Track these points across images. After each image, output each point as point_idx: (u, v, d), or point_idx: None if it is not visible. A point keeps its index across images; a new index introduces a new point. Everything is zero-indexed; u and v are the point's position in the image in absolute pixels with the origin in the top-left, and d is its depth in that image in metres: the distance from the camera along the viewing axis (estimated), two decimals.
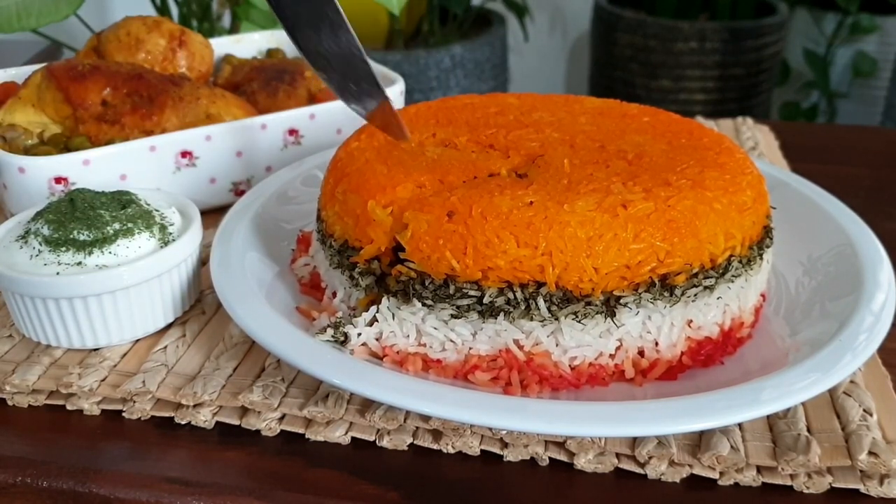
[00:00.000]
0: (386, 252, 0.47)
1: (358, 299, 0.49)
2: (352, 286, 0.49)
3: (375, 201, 0.47)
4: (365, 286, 0.48)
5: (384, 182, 0.48)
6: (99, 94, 0.66)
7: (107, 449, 0.45)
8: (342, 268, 0.50)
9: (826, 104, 2.20)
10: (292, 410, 0.45)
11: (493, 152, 0.52)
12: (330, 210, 0.51)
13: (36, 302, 0.48)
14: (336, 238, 0.50)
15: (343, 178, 0.51)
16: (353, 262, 0.48)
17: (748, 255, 0.48)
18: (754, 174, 0.51)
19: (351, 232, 0.49)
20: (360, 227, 0.48)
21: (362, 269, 0.48)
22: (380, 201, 0.47)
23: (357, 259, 0.48)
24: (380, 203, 0.47)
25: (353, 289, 0.49)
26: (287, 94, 0.74)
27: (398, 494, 0.41)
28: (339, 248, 0.50)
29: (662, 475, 0.42)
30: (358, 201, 0.48)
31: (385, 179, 0.49)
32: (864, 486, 0.41)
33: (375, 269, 0.48)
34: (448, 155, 0.52)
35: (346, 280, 0.49)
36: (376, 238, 0.47)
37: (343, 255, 0.50)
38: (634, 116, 0.58)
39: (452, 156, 0.51)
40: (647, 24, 1.99)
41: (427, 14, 2.04)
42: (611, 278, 0.43)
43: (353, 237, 0.49)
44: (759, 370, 0.45)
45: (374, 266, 0.48)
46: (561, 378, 0.45)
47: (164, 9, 1.15)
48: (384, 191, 0.48)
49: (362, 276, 0.48)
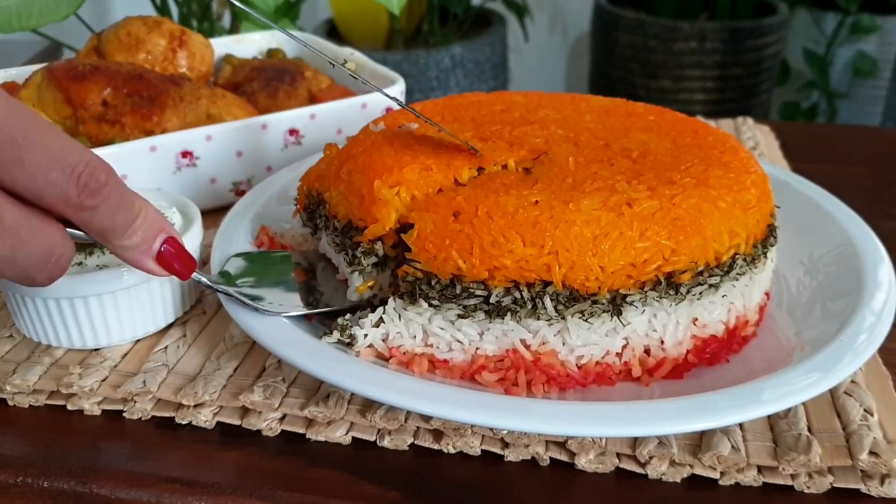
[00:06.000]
0: (390, 234, 0.47)
1: (356, 286, 0.49)
2: (353, 268, 0.49)
3: (382, 181, 0.47)
4: (367, 266, 0.48)
5: (391, 163, 0.48)
6: (99, 94, 0.66)
7: (107, 449, 0.45)
8: (344, 249, 0.50)
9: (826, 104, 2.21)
10: (293, 410, 0.45)
11: (500, 143, 0.52)
12: (334, 191, 0.51)
13: (36, 302, 0.48)
14: (340, 218, 0.50)
15: (349, 159, 0.51)
16: (356, 242, 0.48)
17: (753, 254, 0.48)
18: (758, 173, 0.51)
19: (356, 211, 0.49)
20: (365, 207, 0.48)
21: (365, 249, 0.48)
22: (386, 181, 0.47)
23: (361, 238, 0.48)
24: (386, 183, 0.47)
25: (353, 272, 0.49)
26: (287, 94, 0.74)
27: (399, 494, 0.41)
28: (343, 229, 0.50)
29: (663, 475, 0.42)
30: (364, 181, 0.48)
31: (392, 161, 0.48)
32: (865, 485, 0.41)
33: (378, 250, 0.48)
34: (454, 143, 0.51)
35: (347, 261, 0.49)
36: (381, 217, 0.47)
37: (346, 235, 0.49)
38: (640, 115, 0.58)
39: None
40: (647, 24, 1.99)
41: (427, 14, 2.04)
42: (617, 277, 0.43)
43: (358, 216, 0.48)
44: (764, 368, 0.45)
45: (377, 247, 0.48)
46: (568, 377, 0.45)
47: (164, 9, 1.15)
48: (391, 171, 0.48)
49: (365, 256, 0.48)
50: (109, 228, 0.39)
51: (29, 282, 0.38)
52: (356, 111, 0.70)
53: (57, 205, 0.36)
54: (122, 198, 0.38)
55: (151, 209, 0.41)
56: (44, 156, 0.35)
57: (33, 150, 0.34)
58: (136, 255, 0.41)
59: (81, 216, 0.37)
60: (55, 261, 0.37)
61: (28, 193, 0.35)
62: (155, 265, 0.42)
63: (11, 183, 0.35)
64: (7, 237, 0.35)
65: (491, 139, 0.53)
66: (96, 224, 0.38)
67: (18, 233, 0.35)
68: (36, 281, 0.38)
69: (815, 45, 2.16)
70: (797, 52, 2.20)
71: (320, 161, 0.55)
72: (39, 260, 0.37)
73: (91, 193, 0.36)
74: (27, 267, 0.37)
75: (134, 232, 0.40)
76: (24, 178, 0.35)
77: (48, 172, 0.35)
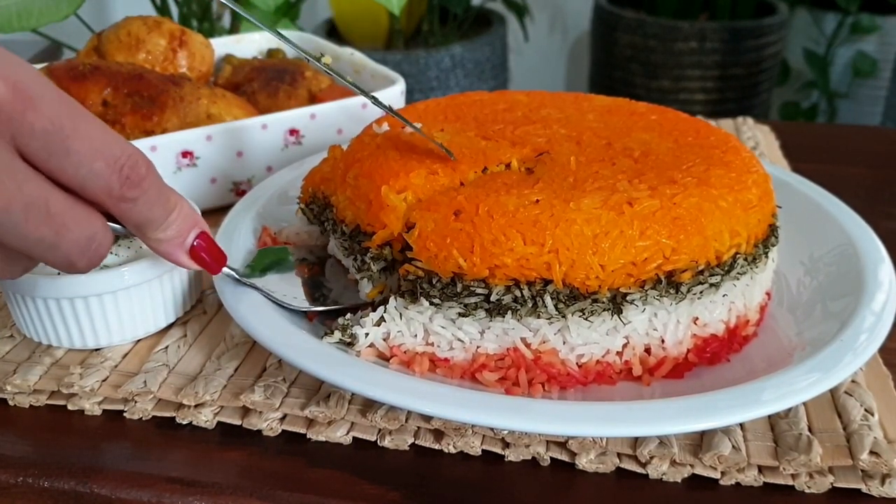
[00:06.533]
0: (398, 238, 0.47)
1: (365, 293, 0.49)
2: (363, 273, 0.49)
3: (389, 186, 0.47)
4: (376, 272, 0.48)
5: (397, 168, 0.48)
6: (99, 94, 0.66)
7: (108, 449, 0.44)
8: (353, 253, 0.50)
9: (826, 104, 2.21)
10: (294, 410, 0.45)
11: (503, 142, 0.52)
12: (341, 195, 0.51)
13: (37, 302, 0.48)
14: (348, 223, 0.50)
15: (354, 163, 0.51)
16: (364, 248, 0.48)
17: (754, 253, 0.48)
18: (760, 173, 0.51)
19: (363, 217, 0.49)
20: (373, 213, 0.48)
21: (374, 255, 0.48)
22: (393, 186, 0.47)
23: (370, 244, 0.48)
24: (393, 188, 0.47)
25: (363, 278, 0.49)
26: (287, 94, 0.74)
27: (399, 494, 0.41)
28: (351, 234, 0.50)
29: (664, 475, 0.42)
30: (371, 186, 0.48)
31: (398, 165, 0.49)
32: (866, 485, 0.41)
33: (387, 255, 0.48)
34: (458, 142, 0.52)
35: (356, 266, 0.49)
36: (389, 223, 0.47)
37: (354, 240, 0.50)
38: (642, 114, 0.58)
39: (462, 143, 0.51)
40: (647, 24, 1.99)
41: (427, 14, 2.05)
42: (617, 275, 0.43)
43: (366, 222, 0.48)
44: (764, 368, 0.45)
45: (385, 252, 0.48)
46: (569, 376, 0.45)
47: (164, 9, 1.15)
48: (397, 176, 0.48)
49: (374, 262, 0.48)
50: (146, 221, 0.41)
51: (69, 268, 0.39)
52: (356, 111, 0.70)
53: (99, 195, 0.37)
54: (160, 192, 0.40)
55: (186, 204, 0.43)
56: (90, 146, 0.36)
57: (80, 141, 0.36)
58: (169, 248, 0.43)
59: (121, 207, 0.38)
60: (95, 248, 0.39)
61: (74, 183, 0.37)
62: (187, 258, 0.44)
63: (58, 172, 0.36)
64: (53, 223, 0.36)
65: (493, 138, 0.53)
66: (135, 216, 0.39)
67: (64, 220, 0.37)
68: (76, 267, 0.39)
69: (815, 45, 2.16)
70: (797, 52, 2.20)
71: (324, 162, 0.55)
72: (81, 247, 0.38)
73: (132, 185, 0.38)
74: (69, 253, 0.38)
75: (169, 225, 0.42)
76: (70, 167, 0.36)
77: (93, 163, 0.36)
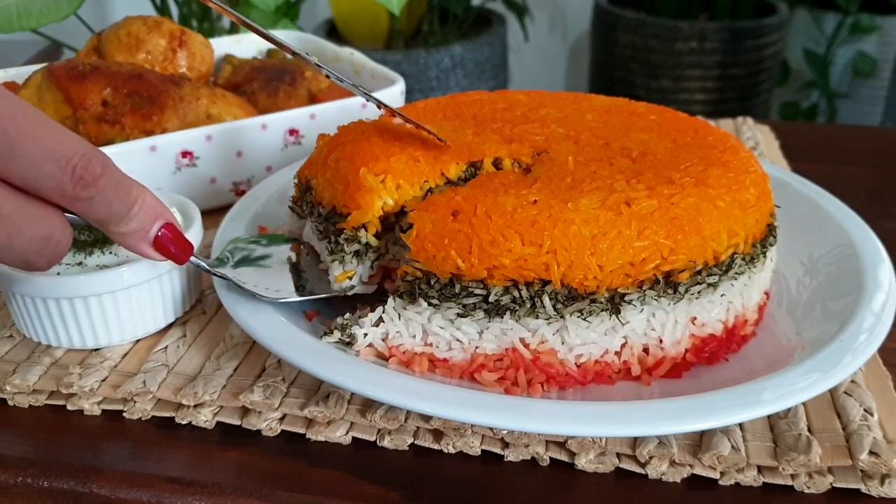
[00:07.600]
0: (374, 222, 0.47)
1: (335, 276, 0.48)
2: (334, 256, 0.48)
3: (368, 168, 0.47)
4: (350, 254, 0.48)
5: (378, 152, 0.48)
6: (99, 94, 0.66)
7: (107, 449, 0.45)
8: (327, 236, 0.49)
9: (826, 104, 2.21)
10: (293, 410, 0.45)
11: (493, 136, 0.52)
12: (321, 178, 0.51)
13: (36, 302, 0.48)
14: (325, 205, 0.50)
15: (337, 147, 0.51)
16: (339, 229, 0.48)
17: (752, 253, 0.48)
18: (758, 172, 0.51)
19: (340, 197, 0.48)
20: (350, 193, 0.47)
21: (348, 236, 0.48)
22: (372, 169, 0.47)
23: (344, 225, 0.47)
24: (372, 171, 0.47)
25: (333, 261, 0.48)
26: (287, 94, 0.74)
27: (399, 494, 0.41)
28: (327, 215, 0.50)
29: (663, 475, 0.42)
30: (350, 168, 0.48)
31: (379, 150, 0.48)
32: (865, 485, 0.41)
33: (362, 238, 0.47)
34: (445, 135, 0.51)
35: (329, 249, 0.49)
36: (365, 204, 0.47)
37: (330, 221, 0.49)
38: (641, 114, 0.58)
39: (450, 136, 0.51)
40: (647, 24, 1.99)
41: (427, 14, 2.04)
42: (615, 276, 0.43)
43: (342, 203, 0.48)
44: (764, 368, 0.45)
45: (360, 234, 0.47)
46: (567, 376, 0.45)
47: (164, 9, 1.15)
48: (377, 159, 0.48)
49: (347, 243, 0.47)
50: (106, 217, 0.40)
51: (28, 267, 0.39)
52: (356, 111, 0.70)
53: (53, 196, 0.37)
54: (119, 187, 0.39)
55: (149, 196, 0.42)
56: (37, 148, 0.35)
57: (26, 143, 0.35)
58: (133, 241, 0.43)
59: (77, 206, 0.38)
60: (53, 247, 0.38)
61: (24, 185, 0.36)
62: (152, 250, 0.44)
63: (7, 175, 0.36)
64: (4, 226, 0.36)
65: (486, 134, 0.53)
66: (93, 213, 0.39)
67: (15, 221, 0.36)
68: (35, 265, 0.39)
69: (815, 45, 2.16)
70: (797, 52, 2.20)
71: (314, 151, 0.56)
72: (37, 247, 0.38)
73: (86, 185, 0.37)
74: (25, 252, 0.38)
75: (131, 219, 0.41)
76: (18, 170, 0.35)
77: (42, 165, 0.36)
